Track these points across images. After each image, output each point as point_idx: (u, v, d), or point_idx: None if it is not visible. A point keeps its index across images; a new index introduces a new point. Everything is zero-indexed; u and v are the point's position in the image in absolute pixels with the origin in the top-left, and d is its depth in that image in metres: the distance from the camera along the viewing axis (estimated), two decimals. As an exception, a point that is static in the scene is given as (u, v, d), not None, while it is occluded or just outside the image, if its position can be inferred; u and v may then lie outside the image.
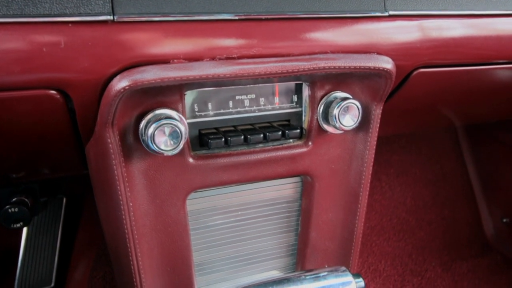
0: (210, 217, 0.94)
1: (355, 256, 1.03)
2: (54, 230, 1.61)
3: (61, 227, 1.60)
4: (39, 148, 0.86)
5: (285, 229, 1.02)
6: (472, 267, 2.05)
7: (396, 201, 2.23)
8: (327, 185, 0.95)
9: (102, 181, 0.80)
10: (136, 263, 0.83)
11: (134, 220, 0.81)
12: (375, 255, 2.05)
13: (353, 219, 0.99)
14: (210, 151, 0.85)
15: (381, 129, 1.14)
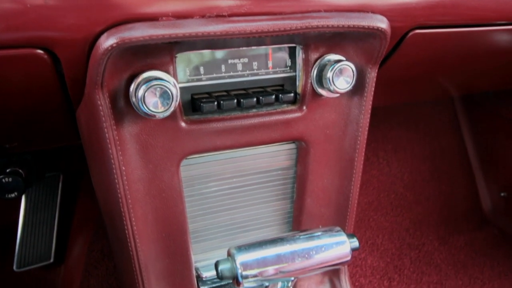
0: (204, 184, 0.94)
1: (350, 222, 1.03)
2: (51, 206, 1.61)
3: (58, 203, 1.61)
4: (30, 115, 0.85)
5: (281, 196, 1.02)
6: (469, 241, 2.06)
7: (393, 177, 2.24)
8: (322, 151, 0.95)
9: (94, 146, 0.79)
10: (130, 228, 0.83)
11: (128, 184, 0.80)
12: (373, 229, 2.06)
13: (348, 185, 0.99)
14: (203, 116, 0.84)
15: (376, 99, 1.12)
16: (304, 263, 0.69)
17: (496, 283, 1.81)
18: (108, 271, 1.35)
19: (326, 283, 1.07)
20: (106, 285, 1.30)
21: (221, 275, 0.67)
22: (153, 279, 0.90)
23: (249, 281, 0.67)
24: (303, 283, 1.06)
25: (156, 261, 0.90)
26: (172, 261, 0.92)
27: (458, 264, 1.93)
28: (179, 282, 0.94)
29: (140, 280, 0.88)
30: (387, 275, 1.84)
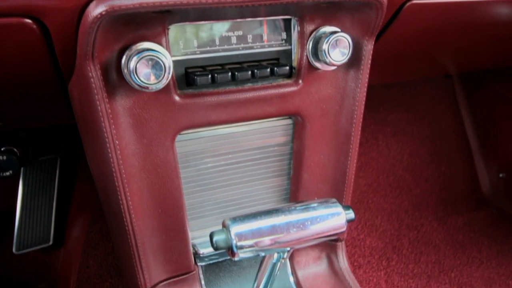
0: (200, 160, 0.93)
1: (347, 197, 1.02)
2: (49, 189, 1.61)
3: (56, 186, 1.61)
4: (21, 90, 0.84)
5: (277, 172, 1.01)
6: (467, 221, 2.07)
7: (393, 159, 2.24)
8: (319, 126, 0.94)
9: (87, 120, 0.78)
10: (125, 203, 0.83)
11: (122, 159, 0.80)
12: (372, 211, 2.06)
13: (345, 160, 0.98)
14: (197, 90, 0.83)
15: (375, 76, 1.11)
16: (299, 233, 0.69)
17: (494, 262, 1.82)
18: (106, 251, 1.36)
19: (324, 259, 1.07)
20: (105, 265, 1.31)
21: (216, 246, 0.67)
22: (150, 254, 0.90)
23: (244, 252, 0.67)
24: (300, 259, 1.07)
25: (153, 237, 0.89)
26: (169, 237, 0.92)
27: (456, 244, 1.93)
28: (176, 258, 0.94)
29: (136, 256, 0.88)
30: (386, 255, 1.85)
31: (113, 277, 1.25)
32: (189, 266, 0.96)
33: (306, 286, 1.02)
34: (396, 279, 1.74)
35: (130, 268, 0.90)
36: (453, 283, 1.72)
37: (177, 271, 0.96)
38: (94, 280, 1.27)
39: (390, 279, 1.74)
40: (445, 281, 1.74)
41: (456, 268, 1.80)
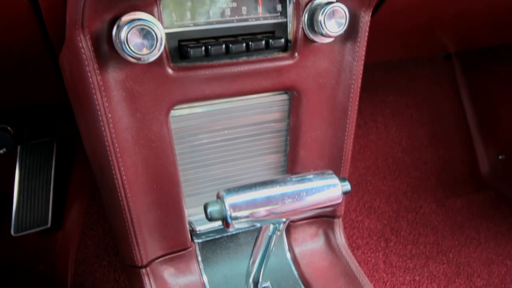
0: (195, 136, 0.92)
1: (344, 173, 1.02)
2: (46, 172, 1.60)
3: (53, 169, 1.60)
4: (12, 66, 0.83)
5: (274, 149, 1.00)
6: (466, 203, 2.07)
7: (391, 141, 2.23)
8: (315, 101, 0.93)
9: (79, 93, 0.77)
10: (120, 178, 0.82)
11: (115, 133, 0.79)
12: (370, 193, 2.06)
13: (342, 135, 0.97)
14: (191, 63, 0.82)
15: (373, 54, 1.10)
16: (295, 204, 0.69)
17: (492, 243, 1.82)
18: (104, 231, 1.36)
19: (321, 235, 1.07)
20: (103, 245, 1.31)
21: (210, 217, 0.66)
22: (145, 230, 0.90)
23: (239, 222, 0.66)
24: (297, 236, 1.06)
25: (148, 213, 0.89)
26: (165, 213, 0.91)
27: (455, 226, 1.94)
28: (173, 234, 0.94)
29: (132, 232, 0.88)
30: (384, 237, 1.85)
31: (110, 256, 1.25)
32: (186, 242, 0.96)
33: (303, 262, 1.02)
34: (394, 260, 1.74)
35: (126, 245, 0.90)
36: (451, 263, 1.73)
37: (174, 247, 0.95)
38: (92, 260, 1.27)
39: (389, 260, 1.74)
40: (443, 261, 1.74)
41: (454, 249, 1.80)
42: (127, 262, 0.92)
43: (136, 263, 0.90)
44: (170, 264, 0.96)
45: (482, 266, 1.72)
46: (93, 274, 1.22)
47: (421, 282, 1.65)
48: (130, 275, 0.95)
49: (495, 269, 1.71)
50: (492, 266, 1.72)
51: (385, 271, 1.69)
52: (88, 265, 1.26)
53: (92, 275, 1.22)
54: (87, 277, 1.22)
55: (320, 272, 1.00)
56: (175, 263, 0.97)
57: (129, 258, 0.91)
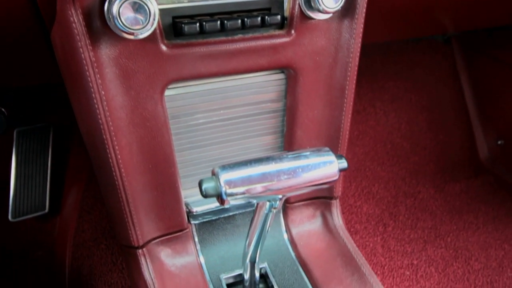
0: (191, 115, 0.91)
1: (341, 153, 1.01)
2: (43, 157, 1.60)
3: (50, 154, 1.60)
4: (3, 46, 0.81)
5: (271, 130, 0.99)
6: (465, 188, 2.07)
7: (390, 127, 2.22)
8: (312, 80, 0.92)
9: (71, 69, 0.76)
10: (114, 157, 0.81)
11: (109, 111, 0.78)
12: (369, 179, 2.05)
13: (339, 115, 0.96)
14: (185, 40, 0.80)
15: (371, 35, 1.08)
16: (291, 181, 0.68)
17: (490, 227, 1.82)
18: (101, 215, 1.35)
19: (318, 217, 1.06)
20: (100, 228, 1.31)
21: (205, 193, 0.66)
22: (141, 211, 0.89)
23: (234, 199, 0.66)
24: (294, 217, 1.06)
25: (144, 193, 0.88)
26: (161, 194, 0.90)
27: (453, 211, 1.94)
28: (169, 215, 0.93)
29: (128, 212, 0.87)
30: (382, 221, 1.85)
31: (107, 240, 1.25)
32: (182, 223, 0.96)
33: (300, 243, 1.02)
34: (392, 244, 1.74)
35: (122, 225, 0.89)
36: (449, 247, 1.73)
37: (170, 228, 0.95)
38: (90, 243, 1.27)
39: (387, 244, 1.74)
40: (441, 245, 1.74)
41: (452, 233, 1.80)
42: (123, 243, 0.92)
43: (132, 243, 0.90)
44: (167, 245, 0.96)
45: (480, 249, 1.72)
46: (91, 258, 1.22)
47: (419, 265, 1.65)
48: (126, 256, 0.95)
49: (493, 253, 1.71)
50: (489, 250, 1.72)
51: (383, 255, 1.70)
52: (86, 248, 1.26)
53: (89, 259, 1.22)
54: (85, 260, 1.22)
55: (317, 253, 1.00)
56: (171, 244, 0.96)
57: (125, 239, 0.91)
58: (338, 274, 0.95)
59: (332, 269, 0.96)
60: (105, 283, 1.12)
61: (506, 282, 1.59)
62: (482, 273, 1.62)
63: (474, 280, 1.59)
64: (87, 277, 1.16)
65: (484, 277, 1.60)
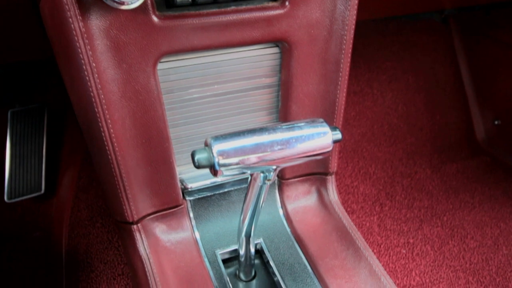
0: (184, 90, 0.90)
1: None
2: (38, 138, 1.59)
3: (45, 135, 1.59)
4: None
5: (266, 105, 0.98)
6: (461, 168, 2.07)
7: (387, 108, 2.21)
8: (307, 53, 0.90)
9: (61, 41, 0.74)
10: (107, 131, 0.80)
11: (100, 84, 0.77)
12: (366, 160, 2.05)
13: (334, 89, 0.95)
14: (177, 11, 0.79)
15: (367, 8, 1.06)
16: (284, 151, 0.67)
17: (486, 206, 1.83)
18: (97, 194, 1.35)
19: (313, 193, 1.06)
20: (96, 207, 1.30)
21: (198, 164, 0.65)
22: (135, 186, 0.89)
23: (227, 169, 0.65)
24: (290, 193, 1.06)
25: (138, 168, 0.88)
26: (155, 169, 0.90)
27: (449, 190, 1.94)
28: (163, 190, 0.93)
29: (122, 187, 0.87)
30: (379, 201, 1.85)
31: (103, 218, 1.25)
32: (177, 199, 0.95)
33: (295, 219, 1.02)
34: (388, 223, 1.75)
35: (116, 200, 0.89)
36: (445, 226, 1.74)
37: (165, 204, 0.95)
38: (86, 223, 1.27)
39: (383, 223, 1.75)
40: (437, 224, 1.75)
41: (449, 212, 1.81)
42: (118, 219, 0.92)
43: (127, 218, 0.90)
44: (162, 221, 0.96)
45: (476, 228, 1.73)
46: (87, 236, 1.22)
47: (415, 244, 1.67)
48: (121, 232, 0.95)
49: (488, 231, 1.72)
50: (485, 228, 1.74)
51: (380, 234, 1.71)
52: (82, 227, 1.26)
53: (86, 237, 1.22)
54: (81, 239, 1.23)
55: (313, 228, 1.00)
56: (167, 220, 0.96)
57: (120, 214, 0.90)
58: (333, 248, 0.95)
59: (327, 244, 0.96)
60: (101, 261, 1.12)
61: (501, 259, 1.60)
62: (477, 251, 1.63)
63: (469, 258, 1.61)
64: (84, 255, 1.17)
65: (479, 255, 1.62)
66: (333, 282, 0.89)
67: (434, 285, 1.50)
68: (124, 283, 1.04)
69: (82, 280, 1.11)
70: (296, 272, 0.93)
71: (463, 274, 1.53)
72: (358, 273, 0.90)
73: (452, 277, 1.52)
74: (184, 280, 0.88)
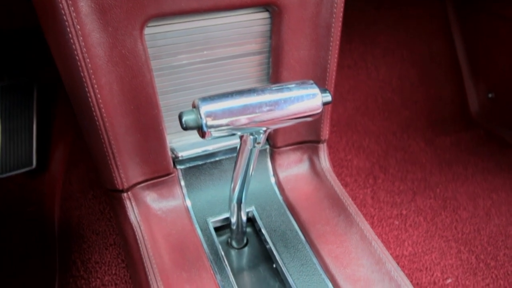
0: (173, 56, 0.89)
1: (328, 95, 0.99)
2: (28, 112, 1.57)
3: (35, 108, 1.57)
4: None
5: (256, 72, 0.97)
6: (455, 141, 2.07)
7: (381, 82, 2.20)
8: (297, 17, 0.89)
9: (44, 2, 0.72)
10: (94, 97, 0.79)
11: (85, 47, 0.75)
12: (359, 133, 2.05)
13: (325, 55, 0.94)
14: (164, -28, 0.76)
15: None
16: (273, 113, 0.66)
17: (479, 178, 1.84)
18: (88, 167, 1.34)
19: (305, 161, 1.06)
20: (87, 180, 1.30)
21: (185, 125, 0.64)
22: (125, 153, 0.88)
23: (215, 130, 0.64)
24: (282, 162, 1.05)
25: (127, 135, 0.87)
26: (144, 137, 0.89)
27: (443, 163, 1.95)
28: (154, 158, 0.92)
29: (111, 154, 0.86)
30: (372, 174, 1.86)
31: (95, 190, 1.25)
32: (168, 168, 0.95)
33: (287, 187, 1.02)
34: (382, 195, 1.76)
35: (105, 168, 0.88)
36: (438, 197, 1.75)
37: (155, 173, 0.94)
38: (78, 195, 1.26)
39: (376, 196, 1.76)
40: (430, 196, 1.76)
41: (442, 184, 1.82)
42: (108, 187, 0.91)
43: (116, 186, 0.89)
44: (153, 189, 0.95)
45: (468, 199, 1.75)
46: (79, 208, 1.22)
47: (408, 215, 1.68)
48: (112, 201, 0.94)
49: (481, 202, 1.73)
50: (478, 200, 1.75)
51: (373, 206, 1.71)
52: (74, 200, 1.26)
53: (78, 210, 1.22)
54: (73, 212, 1.22)
55: (305, 196, 1.00)
56: (158, 188, 0.96)
57: (110, 182, 0.90)
58: (325, 215, 0.95)
59: (319, 211, 0.96)
60: (93, 232, 1.12)
61: (492, 229, 1.62)
62: (469, 222, 1.64)
63: (461, 228, 1.62)
64: (76, 227, 1.17)
65: (471, 225, 1.63)
66: (324, 247, 0.89)
67: (426, 255, 1.51)
68: (116, 252, 1.04)
69: (74, 251, 1.11)
70: (288, 239, 0.93)
71: (455, 244, 1.55)
72: (349, 238, 0.90)
73: (444, 247, 1.54)
74: (175, 247, 0.88)
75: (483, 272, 1.44)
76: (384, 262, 0.83)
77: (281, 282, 0.89)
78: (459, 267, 1.46)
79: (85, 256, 1.06)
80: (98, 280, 1.00)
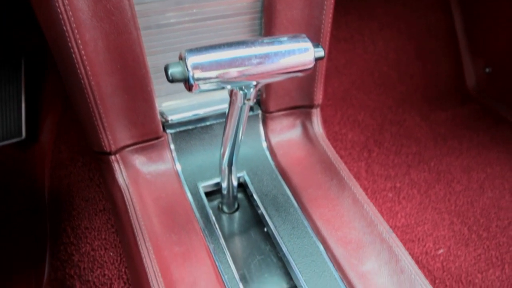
0: (161, 14, 0.85)
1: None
2: (16, 82, 1.54)
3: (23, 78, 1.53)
4: None
5: (248, 32, 0.94)
6: (450, 116, 2.06)
7: (378, 55, 2.17)
8: (290, -26, 0.85)
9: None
10: (78, 52, 0.76)
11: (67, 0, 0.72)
12: (355, 107, 2.03)
13: (319, 15, 0.91)
14: None
15: None
16: (263, 66, 0.64)
17: (473, 152, 1.83)
18: (77, 136, 1.32)
19: (298, 126, 1.04)
20: (77, 148, 1.28)
21: (172, 78, 0.62)
22: (112, 115, 0.86)
23: (202, 83, 0.62)
24: (274, 127, 1.04)
25: (114, 96, 0.84)
26: (132, 97, 0.86)
27: (438, 137, 1.93)
28: (142, 121, 0.90)
29: (97, 115, 0.84)
30: (367, 148, 1.84)
31: (84, 157, 1.23)
32: (157, 131, 0.93)
33: (279, 152, 1.00)
34: (376, 169, 1.75)
35: (92, 130, 0.86)
36: (432, 171, 1.74)
37: (144, 136, 0.92)
38: (67, 163, 1.24)
39: (371, 169, 1.75)
40: (424, 169, 1.75)
41: (436, 158, 1.81)
42: (95, 149, 0.89)
43: (104, 148, 0.87)
44: (142, 153, 0.93)
45: (462, 173, 1.74)
46: (68, 176, 1.20)
47: (402, 188, 1.67)
48: (100, 164, 0.92)
49: (475, 176, 1.73)
50: (472, 173, 1.74)
51: (367, 178, 1.71)
52: (63, 168, 1.24)
53: (67, 178, 1.20)
54: (63, 180, 1.20)
55: (297, 161, 0.98)
56: (147, 152, 0.94)
57: (97, 144, 0.88)
58: (317, 179, 0.94)
59: (311, 175, 0.95)
60: (83, 198, 1.11)
61: (485, 202, 1.62)
62: (463, 194, 1.64)
63: (455, 200, 1.62)
64: (65, 195, 1.15)
65: (464, 197, 1.63)
66: (316, 211, 0.88)
67: (419, 226, 1.51)
68: (106, 218, 1.03)
69: (64, 219, 1.10)
70: (279, 203, 0.92)
71: (448, 216, 1.55)
72: (341, 202, 0.89)
73: (437, 219, 1.54)
74: (165, 210, 0.87)
75: (475, 243, 1.44)
76: (376, 224, 0.82)
77: (272, 245, 0.88)
78: (451, 238, 1.46)
79: (75, 223, 1.05)
80: (88, 245, 0.99)
